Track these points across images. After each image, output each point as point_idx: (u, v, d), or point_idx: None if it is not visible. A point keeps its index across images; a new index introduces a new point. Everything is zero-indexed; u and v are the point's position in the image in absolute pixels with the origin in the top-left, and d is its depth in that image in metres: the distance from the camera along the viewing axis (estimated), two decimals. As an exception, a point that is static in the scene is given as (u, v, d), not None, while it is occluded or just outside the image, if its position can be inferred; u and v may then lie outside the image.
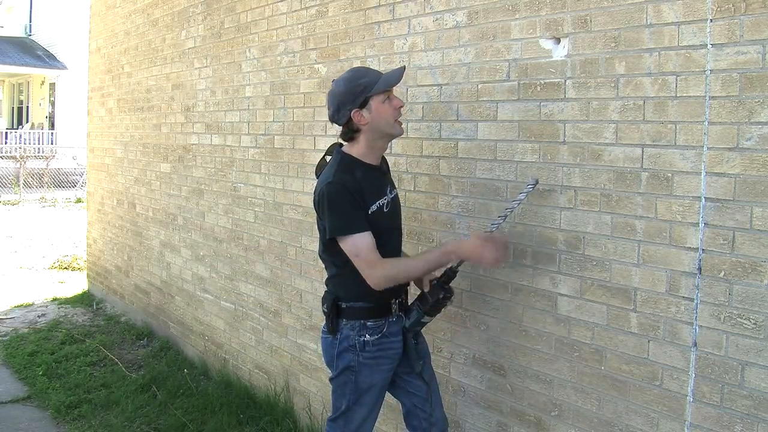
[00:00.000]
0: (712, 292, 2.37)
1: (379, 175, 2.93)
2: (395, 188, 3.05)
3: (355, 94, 2.79)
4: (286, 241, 4.59)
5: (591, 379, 2.77)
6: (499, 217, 2.87)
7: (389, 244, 2.90)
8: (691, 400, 2.43)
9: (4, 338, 6.67)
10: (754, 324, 2.26)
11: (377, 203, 2.83)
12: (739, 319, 2.30)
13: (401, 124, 2.93)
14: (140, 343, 6.56)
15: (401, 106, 2.88)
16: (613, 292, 2.67)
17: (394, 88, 2.89)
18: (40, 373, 5.61)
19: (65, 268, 10.29)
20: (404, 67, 2.92)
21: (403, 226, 3.11)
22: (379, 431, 3.86)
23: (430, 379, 3.07)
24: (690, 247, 2.42)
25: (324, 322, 2.97)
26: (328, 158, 2.97)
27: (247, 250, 5.08)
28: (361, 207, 2.76)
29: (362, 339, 2.86)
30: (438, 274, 2.93)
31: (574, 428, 2.84)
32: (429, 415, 3.02)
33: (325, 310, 2.94)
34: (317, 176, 2.96)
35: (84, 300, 8.24)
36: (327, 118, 2.92)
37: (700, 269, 2.39)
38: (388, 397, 3.73)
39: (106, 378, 5.53)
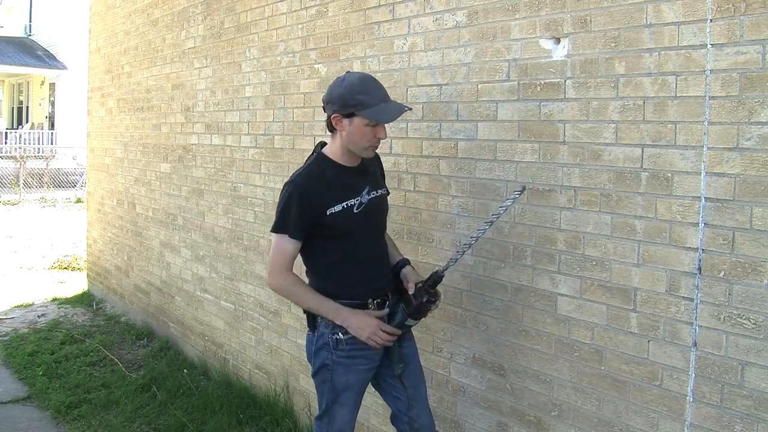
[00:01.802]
0: (712, 292, 2.37)
1: (353, 175, 2.90)
2: (381, 188, 3.02)
3: (346, 104, 2.78)
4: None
5: (591, 379, 2.77)
6: (485, 223, 2.85)
7: (360, 246, 2.89)
8: (691, 400, 2.43)
9: (4, 338, 6.67)
10: (754, 324, 2.26)
11: (344, 204, 2.82)
12: (739, 319, 2.30)
13: (375, 149, 2.92)
14: (140, 343, 6.56)
15: (382, 139, 2.88)
16: (613, 292, 2.67)
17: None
18: (40, 373, 5.61)
19: (65, 268, 10.29)
20: (408, 109, 2.90)
21: (400, 232, 3.09)
22: (380, 431, 3.87)
23: (414, 385, 3.02)
24: (690, 247, 2.42)
25: None
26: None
27: (247, 250, 5.08)
28: (310, 213, 2.77)
29: (335, 337, 2.85)
30: (425, 276, 2.93)
31: (574, 428, 2.84)
32: (412, 421, 2.99)
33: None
34: None
35: (84, 300, 8.24)
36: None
37: (700, 269, 2.39)
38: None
39: (106, 378, 5.53)
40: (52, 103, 29.02)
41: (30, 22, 31.40)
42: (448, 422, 3.43)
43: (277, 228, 2.82)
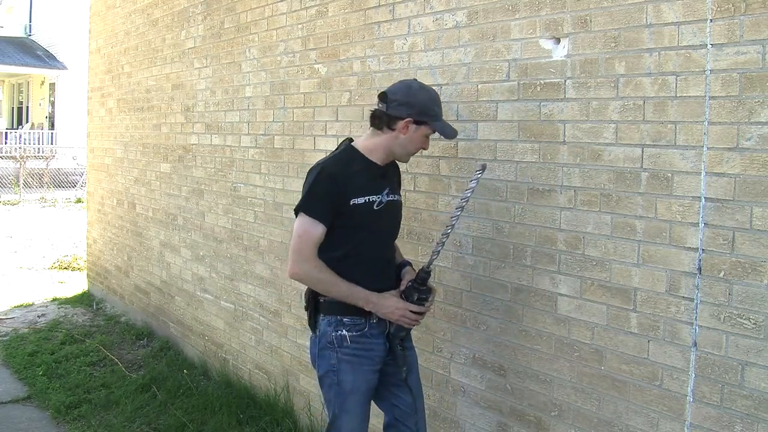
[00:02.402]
0: (712, 292, 2.37)
1: (378, 174, 2.89)
2: (397, 194, 3.01)
3: (425, 112, 2.82)
4: (286, 241, 4.59)
5: (591, 379, 2.77)
6: (456, 209, 2.84)
7: (369, 244, 2.86)
8: (691, 400, 2.43)
9: (4, 338, 6.67)
10: (754, 324, 2.26)
11: (366, 198, 2.80)
12: (739, 319, 2.30)
13: (409, 159, 3.02)
14: (140, 343, 6.56)
15: (425, 150, 3.00)
16: (613, 292, 2.67)
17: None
18: (40, 373, 5.61)
19: (65, 268, 10.29)
20: (457, 133, 2.96)
21: (400, 232, 3.08)
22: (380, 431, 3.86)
23: (417, 394, 3.01)
24: (690, 247, 2.42)
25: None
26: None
27: (247, 250, 5.08)
28: (338, 200, 2.74)
29: (339, 334, 2.80)
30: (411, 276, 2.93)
31: (574, 428, 2.84)
32: (413, 430, 2.97)
33: (305, 305, 2.92)
34: None
35: (84, 300, 8.24)
36: (327, 119, 2.92)
37: (700, 269, 2.39)
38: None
39: (106, 378, 5.53)
40: (52, 103, 29.02)
41: (30, 22, 31.39)
42: (448, 422, 3.43)
43: (306, 209, 2.73)
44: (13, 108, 32.43)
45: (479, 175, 2.81)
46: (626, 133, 2.60)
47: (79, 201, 19.36)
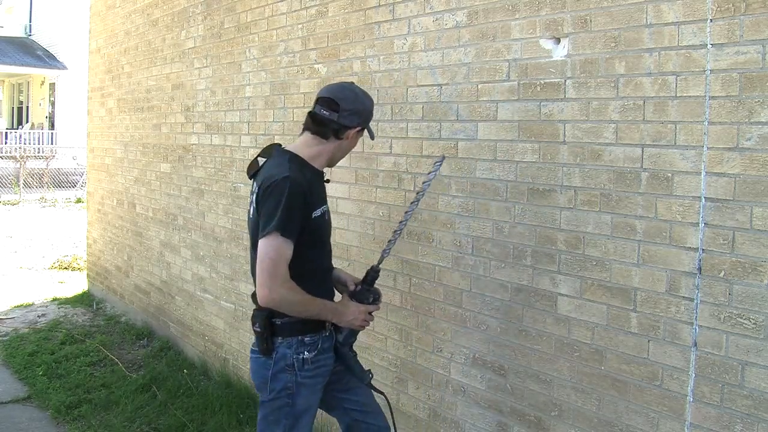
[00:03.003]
0: (712, 292, 2.37)
1: (321, 182, 2.82)
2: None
3: (369, 118, 2.83)
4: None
5: (591, 379, 2.77)
6: (412, 204, 2.86)
7: (322, 257, 2.81)
8: (691, 400, 2.43)
9: (4, 338, 6.67)
10: (754, 324, 2.26)
11: (321, 209, 2.70)
12: (739, 319, 2.30)
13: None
14: (140, 343, 6.56)
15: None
16: (613, 292, 2.67)
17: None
18: (40, 373, 5.61)
19: (65, 268, 10.29)
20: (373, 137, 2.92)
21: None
22: None
23: (365, 392, 2.96)
24: (690, 247, 2.42)
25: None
26: (261, 160, 2.77)
27: (247, 250, 5.07)
28: (305, 215, 2.59)
29: (301, 357, 2.66)
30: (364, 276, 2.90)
31: (574, 428, 2.84)
32: (371, 425, 2.94)
33: (258, 329, 2.68)
34: (251, 176, 2.78)
35: (84, 300, 8.23)
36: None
37: (700, 269, 2.39)
38: (396, 399, 3.73)
39: (106, 378, 5.53)
40: (52, 103, 29.02)
41: (30, 22, 31.39)
42: (448, 422, 3.43)
43: (281, 228, 2.50)
44: (13, 108, 32.43)
45: (438, 167, 2.84)
46: (626, 133, 2.60)
47: (79, 201, 19.36)
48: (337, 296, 2.91)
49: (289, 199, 2.51)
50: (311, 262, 2.69)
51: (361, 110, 2.77)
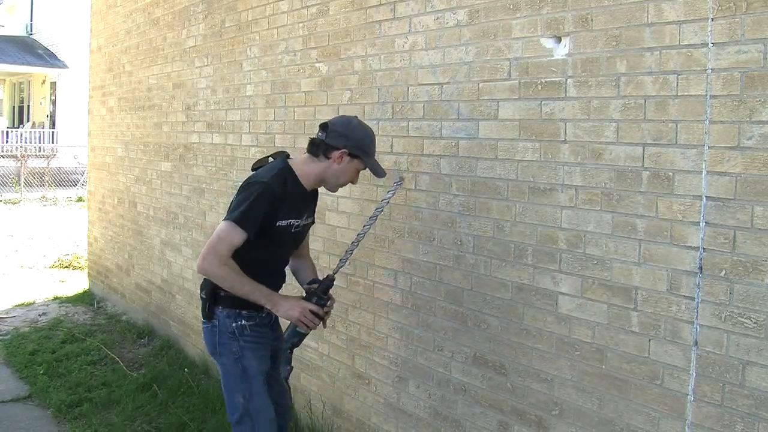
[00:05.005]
0: (713, 291, 2.37)
1: (304, 198, 3.09)
2: (312, 216, 3.23)
3: (359, 146, 3.02)
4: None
5: (592, 378, 2.77)
6: (370, 219, 3.10)
7: (275, 259, 3.13)
8: (692, 399, 2.43)
9: (5, 337, 6.67)
10: (755, 323, 2.26)
11: (289, 221, 3.00)
12: (740, 318, 2.30)
13: (337, 189, 3.21)
14: (141, 341, 6.56)
15: (352, 183, 3.17)
16: (614, 291, 2.67)
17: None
18: (41, 372, 5.61)
19: (66, 266, 10.29)
20: (386, 174, 3.16)
21: (401, 231, 3.11)
22: (380, 430, 3.87)
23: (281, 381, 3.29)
24: (691, 246, 2.42)
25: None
26: (271, 160, 3.13)
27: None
28: (267, 219, 2.90)
29: (239, 323, 3.01)
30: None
31: (574, 427, 2.84)
32: (285, 410, 3.28)
33: (203, 296, 3.06)
34: (253, 169, 3.12)
35: (85, 299, 8.24)
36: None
37: (701, 268, 2.39)
38: (397, 398, 3.75)
39: (107, 377, 5.53)
40: (53, 102, 29.02)
41: (31, 21, 31.39)
42: (449, 421, 3.43)
43: (238, 221, 2.85)
44: (14, 107, 32.44)
45: (396, 187, 3.18)
46: (627, 132, 2.60)
47: (80, 200, 19.36)
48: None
49: (255, 200, 2.86)
50: (256, 261, 2.96)
51: (350, 135, 3.01)
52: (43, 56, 28.77)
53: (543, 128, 2.91)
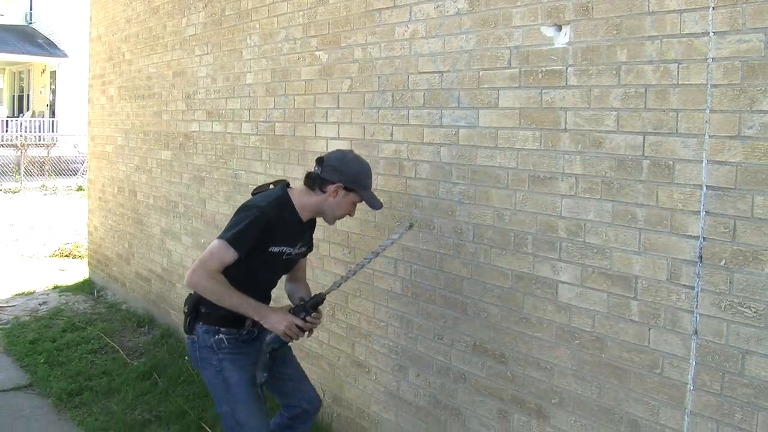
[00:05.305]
0: (712, 281, 2.37)
1: (299, 230, 3.15)
2: (307, 245, 3.29)
3: (354, 180, 3.07)
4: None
5: (591, 367, 2.77)
6: (371, 253, 3.14)
7: (264, 281, 3.19)
8: (692, 388, 2.43)
9: (5, 326, 6.68)
10: (754, 312, 2.26)
11: (281, 248, 3.06)
12: (739, 308, 2.30)
13: (335, 222, 3.24)
14: (141, 330, 6.57)
15: (349, 216, 3.22)
16: (614, 279, 2.67)
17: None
18: (42, 360, 5.62)
19: (66, 255, 10.29)
20: (382, 205, 3.20)
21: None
22: (380, 418, 3.87)
23: (298, 376, 3.41)
24: (691, 236, 2.42)
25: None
26: (271, 187, 3.19)
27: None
28: (260, 244, 2.97)
29: (217, 338, 3.05)
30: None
31: (574, 416, 2.84)
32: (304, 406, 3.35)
33: (186, 310, 3.11)
34: (253, 194, 3.19)
35: (85, 288, 8.25)
36: (328, 106, 2.94)
37: (701, 257, 2.39)
38: (397, 387, 3.76)
39: (107, 365, 5.54)
40: (53, 91, 28.96)
41: (30, 10, 31.28)
42: (448, 409, 3.44)
43: (231, 241, 2.91)
44: (14, 96, 32.36)
45: (403, 232, 3.21)
46: (628, 120, 2.59)
47: (80, 189, 19.35)
48: None
49: (250, 223, 2.93)
50: (245, 281, 3.00)
51: (345, 170, 3.06)
52: (43, 45, 28.68)
53: (543, 117, 2.91)
